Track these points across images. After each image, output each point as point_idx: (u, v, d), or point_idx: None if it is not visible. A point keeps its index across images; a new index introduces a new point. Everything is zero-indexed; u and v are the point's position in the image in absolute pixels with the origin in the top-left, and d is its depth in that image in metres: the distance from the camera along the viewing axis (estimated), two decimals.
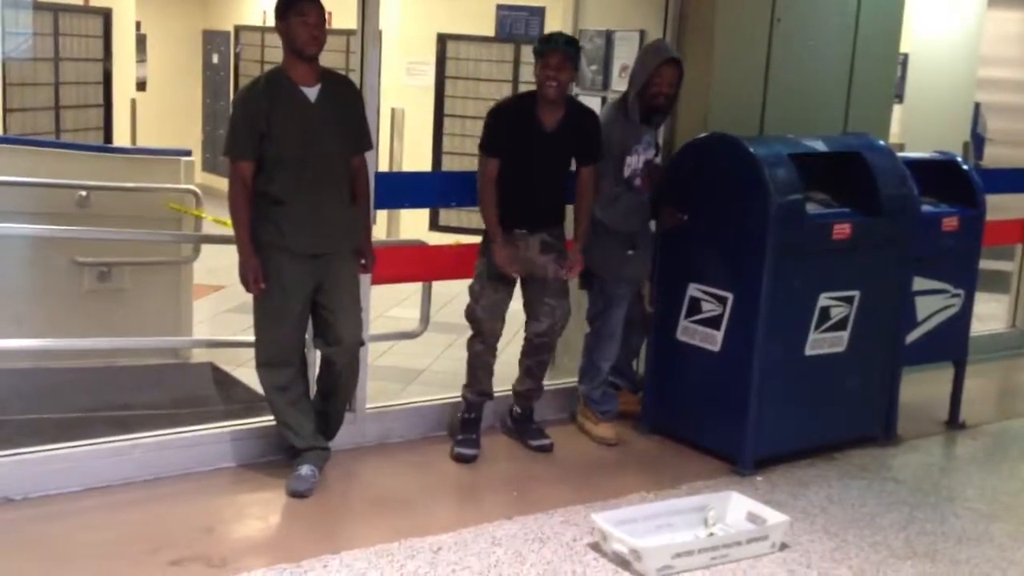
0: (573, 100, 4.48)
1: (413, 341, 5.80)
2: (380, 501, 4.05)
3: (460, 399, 4.58)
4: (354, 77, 4.24)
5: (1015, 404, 5.97)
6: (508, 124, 4.34)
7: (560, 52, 4.24)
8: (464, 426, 4.53)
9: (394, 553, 3.56)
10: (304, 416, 4.09)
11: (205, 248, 6.33)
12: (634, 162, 4.51)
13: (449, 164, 11.31)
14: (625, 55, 5.21)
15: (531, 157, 4.31)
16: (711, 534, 3.77)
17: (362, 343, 4.16)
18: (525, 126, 4.30)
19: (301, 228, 3.89)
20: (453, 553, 3.59)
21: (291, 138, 3.86)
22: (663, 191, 4.60)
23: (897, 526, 4.03)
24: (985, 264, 5.34)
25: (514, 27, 11.13)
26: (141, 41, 12.73)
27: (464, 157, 11.32)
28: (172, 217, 6.41)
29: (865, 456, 4.71)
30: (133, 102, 11.49)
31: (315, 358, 4.23)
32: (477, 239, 4.51)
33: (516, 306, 4.52)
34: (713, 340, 4.47)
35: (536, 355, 4.52)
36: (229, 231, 4.08)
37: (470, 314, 4.44)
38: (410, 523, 3.80)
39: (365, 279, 4.22)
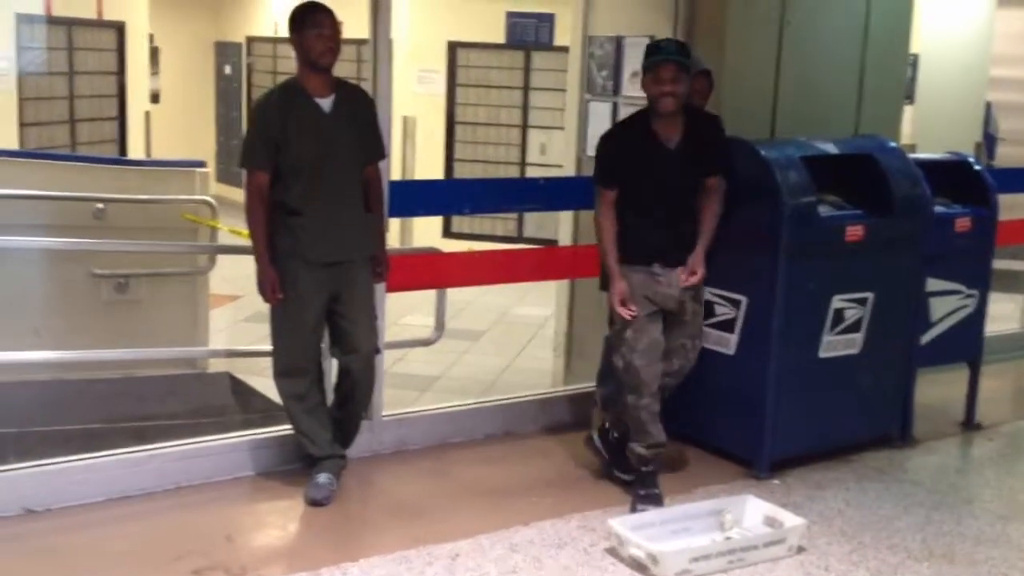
0: (692, 109, 4.07)
1: (428, 348, 5.82)
2: (398, 508, 4.07)
3: (630, 455, 4.12)
4: (366, 86, 4.28)
5: None
6: (625, 148, 3.97)
7: (673, 63, 3.87)
8: (644, 480, 4.07)
9: (412, 560, 3.58)
10: (321, 425, 4.12)
11: (221, 258, 6.37)
12: None
13: (461, 171, 11.35)
14: (636, 61, 5.22)
15: (657, 180, 3.94)
16: (728, 538, 3.78)
17: (378, 351, 4.18)
18: (644, 147, 3.94)
19: (317, 237, 3.92)
20: (471, 559, 3.61)
21: (307, 149, 3.89)
22: None
23: (914, 528, 4.03)
24: (999, 264, 5.33)
25: (524, 34, 11.16)
26: (154, 54, 12.80)
27: (476, 164, 11.36)
28: (188, 228, 6.45)
29: (881, 458, 4.70)
30: (147, 114, 11.55)
31: (331, 367, 4.26)
32: (490, 246, 4.51)
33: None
34: (727, 343, 4.47)
35: (661, 392, 4.13)
36: (245, 241, 4.12)
37: (626, 367, 4.01)
38: (428, 530, 3.81)
39: (380, 287, 4.24)
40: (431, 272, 5.00)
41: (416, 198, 4.84)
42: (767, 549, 3.71)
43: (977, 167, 5.26)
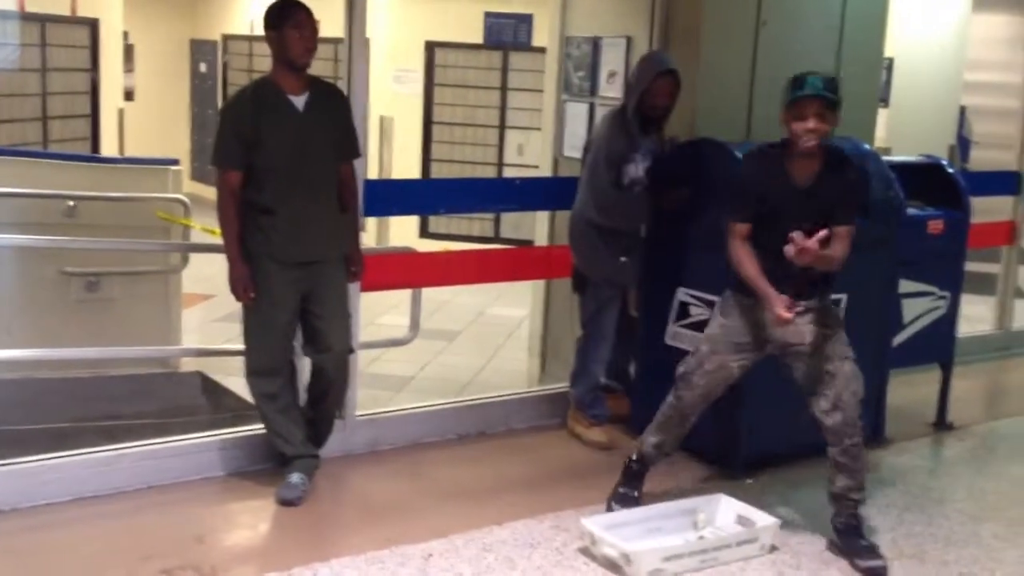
0: (832, 150, 3.74)
1: (402, 348, 5.80)
2: (370, 508, 4.05)
3: (634, 447, 4.09)
4: (342, 85, 4.25)
5: (1002, 405, 6.00)
6: (757, 183, 3.75)
7: (820, 99, 3.58)
8: (629, 477, 4.05)
9: (385, 560, 3.56)
10: (294, 424, 4.09)
11: (194, 257, 6.34)
12: (633, 171, 4.45)
13: (438, 171, 11.34)
14: (612, 61, 5.23)
15: (778, 217, 3.64)
16: (701, 537, 3.79)
17: (352, 350, 4.16)
18: (774, 183, 3.70)
19: (290, 236, 3.89)
20: (444, 559, 3.59)
21: (280, 147, 3.86)
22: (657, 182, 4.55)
23: (886, 528, 4.05)
24: (971, 266, 5.37)
25: (502, 34, 11.16)
26: (129, 51, 12.72)
27: (453, 164, 11.36)
28: (161, 226, 6.41)
29: None
30: (121, 112, 11.47)
31: (305, 366, 4.23)
32: (467, 246, 4.51)
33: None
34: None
35: (838, 441, 3.74)
36: (218, 240, 4.09)
37: (684, 375, 3.87)
38: (400, 530, 3.80)
39: (355, 286, 4.22)
40: (406, 272, 4.99)
41: (392, 198, 4.83)
42: (740, 548, 3.72)
43: (950, 170, 5.30)
